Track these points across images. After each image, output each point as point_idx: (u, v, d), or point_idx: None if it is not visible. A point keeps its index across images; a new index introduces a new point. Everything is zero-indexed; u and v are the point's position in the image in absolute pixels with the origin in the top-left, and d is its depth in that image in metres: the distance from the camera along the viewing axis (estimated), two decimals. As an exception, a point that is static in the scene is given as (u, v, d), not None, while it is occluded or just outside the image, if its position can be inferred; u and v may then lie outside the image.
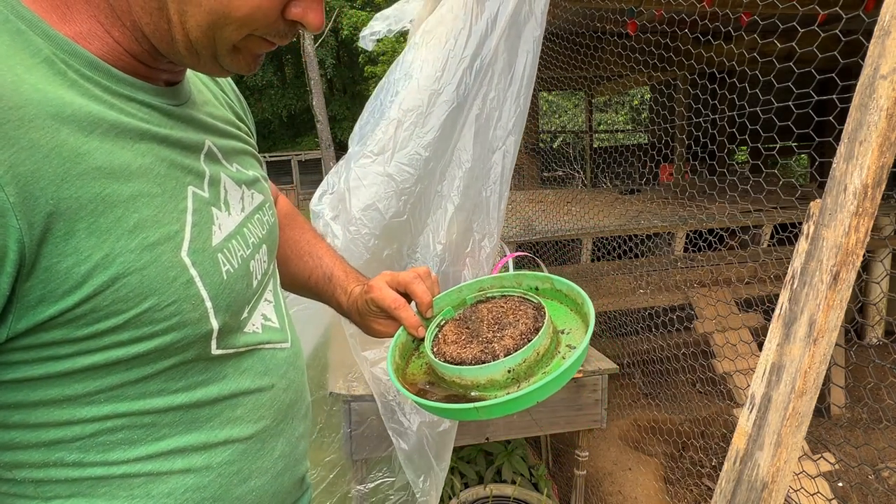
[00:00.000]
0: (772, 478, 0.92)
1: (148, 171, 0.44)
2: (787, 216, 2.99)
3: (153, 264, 0.43)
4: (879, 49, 0.82)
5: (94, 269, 0.39)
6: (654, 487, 2.21)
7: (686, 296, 2.96)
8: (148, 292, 0.42)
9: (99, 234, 0.39)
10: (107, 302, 0.40)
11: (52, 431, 0.41)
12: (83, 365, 0.41)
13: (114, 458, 0.44)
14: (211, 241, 0.49)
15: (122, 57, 0.45)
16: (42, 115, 0.37)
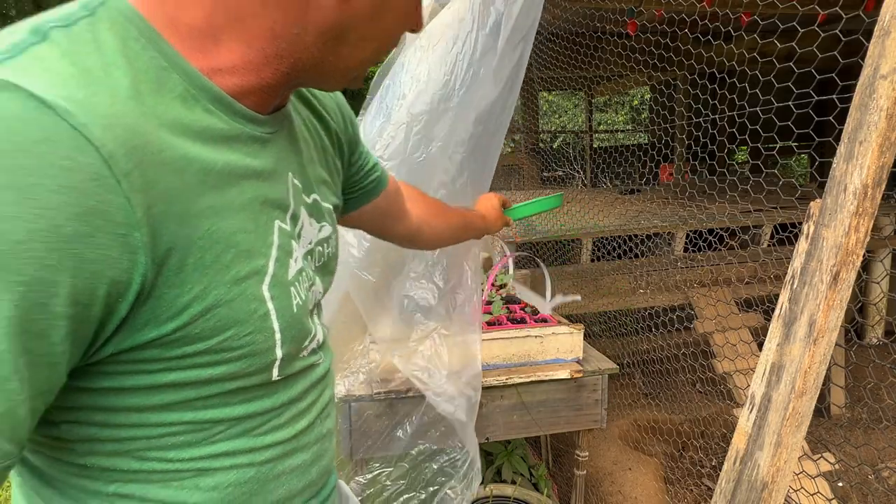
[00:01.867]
0: (772, 478, 0.92)
1: (247, 207, 0.46)
2: (787, 216, 2.99)
3: (239, 297, 0.45)
4: (879, 49, 0.82)
5: (193, 300, 0.42)
6: (654, 487, 2.21)
7: (686, 296, 2.96)
8: (231, 323, 0.45)
9: (202, 268, 0.42)
10: (197, 330, 0.43)
11: (125, 431, 0.46)
12: (165, 381, 0.45)
13: (171, 455, 0.48)
14: (287, 274, 0.51)
15: (251, 89, 0.47)
16: (175, 157, 0.40)
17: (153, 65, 0.40)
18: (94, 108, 0.35)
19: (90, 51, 0.38)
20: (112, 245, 0.36)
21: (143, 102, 0.39)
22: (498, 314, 1.75)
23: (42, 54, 0.36)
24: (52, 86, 0.34)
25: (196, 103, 0.43)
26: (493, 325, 1.67)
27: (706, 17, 3.16)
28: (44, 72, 0.34)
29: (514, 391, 1.57)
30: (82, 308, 0.36)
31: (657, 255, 3.24)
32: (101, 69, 0.37)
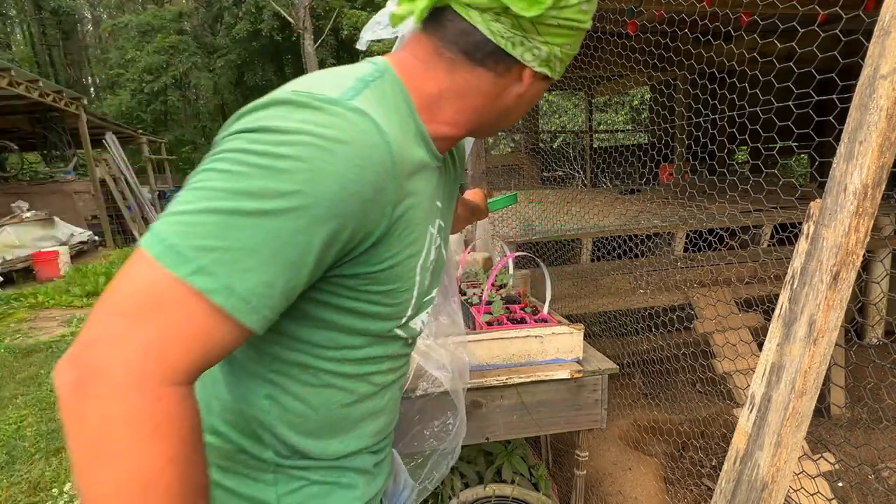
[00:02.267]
0: (772, 478, 0.92)
1: (425, 211, 0.68)
2: (787, 216, 2.99)
3: (406, 266, 0.66)
4: (879, 49, 0.82)
5: (390, 257, 0.63)
6: (654, 487, 2.21)
7: (686, 296, 2.96)
8: (397, 280, 0.66)
9: (400, 239, 0.63)
10: (383, 277, 0.64)
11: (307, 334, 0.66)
12: (348, 306, 0.65)
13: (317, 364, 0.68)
14: (427, 262, 0.72)
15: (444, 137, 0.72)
16: (416, 167, 0.64)
17: (406, 113, 0.66)
18: (391, 132, 0.58)
19: (384, 99, 0.62)
20: (379, 210, 0.58)
21: (404, 134, 0.63)
22: (498, 314, 1.75)
23: (368, 96, 0.60)
24: (377, 115, 0.57)
25: (419, 139, 0.67)
26: (492, 324, 1.67)
27: (706, 17, 3.17)
28: (372, 106, 0.58)
29: (514, 391, 1.57)
30: (348, 241, 0.57)
31: (657, 255, 3.23)
32: (389, 111, 0.62)
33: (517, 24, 0.63)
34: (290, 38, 17.79)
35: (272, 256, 0.51)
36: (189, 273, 0.48)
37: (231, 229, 0.49)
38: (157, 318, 0.47)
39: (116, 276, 0.49)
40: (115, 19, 22.41)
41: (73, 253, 8.42)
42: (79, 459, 0.46)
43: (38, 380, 3.89)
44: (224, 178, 0.51)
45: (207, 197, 0.50)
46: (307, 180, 0.51)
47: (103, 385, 0.45)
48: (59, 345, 4.65)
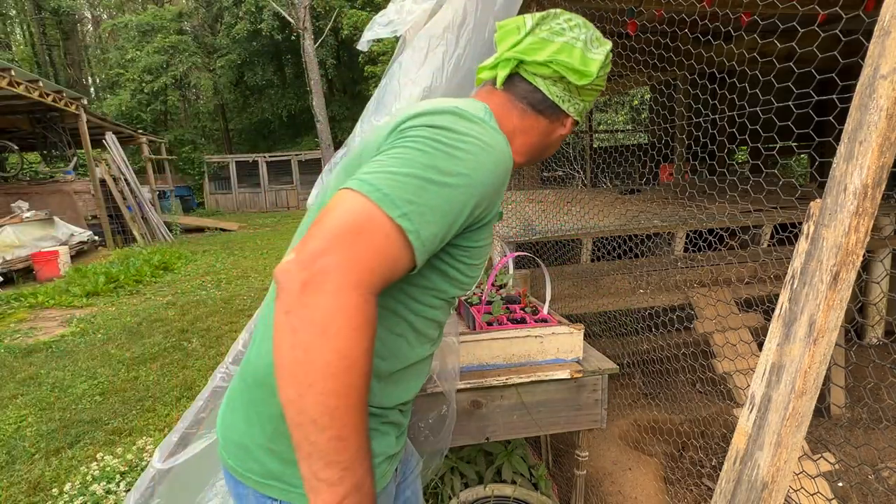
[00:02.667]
0: (772, 478, 0.92)
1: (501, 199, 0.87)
2: (787, 216, 2.99)
3: (487, 249, 0.87)
4: (879, 49, 0.82)
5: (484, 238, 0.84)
6: (654, 487, 2.21)
7: (686, 296, 2.96)
8: (480, 258, 0.86)
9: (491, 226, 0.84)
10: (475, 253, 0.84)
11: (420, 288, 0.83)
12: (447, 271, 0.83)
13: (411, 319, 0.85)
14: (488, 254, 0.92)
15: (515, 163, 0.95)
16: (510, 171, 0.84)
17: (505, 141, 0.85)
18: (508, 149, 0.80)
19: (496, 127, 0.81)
20: (497, 200, 0.81)
21: None
22: (498, 314, 1.75)
23: (492, 122, 0.82)
24: (503, 136, 0.80)
25: None
26: (493, 325, 1.67)
27: (706, 17, 3.17)
28: (498, 131, 0.80)
29: (514, 391, 1.57)
30: (478, 217, 0.78)
31: (657, 255, 3.24)
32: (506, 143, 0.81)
33: (568, 89, 0.93)
34: (290, 38, 17.79)
35: (444, 215, 0.70)
36: (398, 215, 0.65)
37: (424, 191, 0.68)
38: (371, 241, 0.63)
39: (333, 207, 0.66)
40: (115, 19, 22.41)
41: (73, 253, 8.43)
42: (305, 337, 0.60)
43: (38, 380, 3.89)
44: (419, 155, 0.70)
45: (408, 165, 0.69)
46: (473, 167, 0.72)
47: (330, 284, 0.60)
48: (58, 345, 4.66)
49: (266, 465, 0.81)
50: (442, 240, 0.72)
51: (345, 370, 0.61)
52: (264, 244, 10.34)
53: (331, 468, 0.62)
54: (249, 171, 17.60)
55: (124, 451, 2.76)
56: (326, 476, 0.62)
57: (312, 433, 0.61)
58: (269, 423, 0.81)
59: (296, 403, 0.61)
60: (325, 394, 0.60)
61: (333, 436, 0.61)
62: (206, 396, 1.61)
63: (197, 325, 5.03)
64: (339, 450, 0.62)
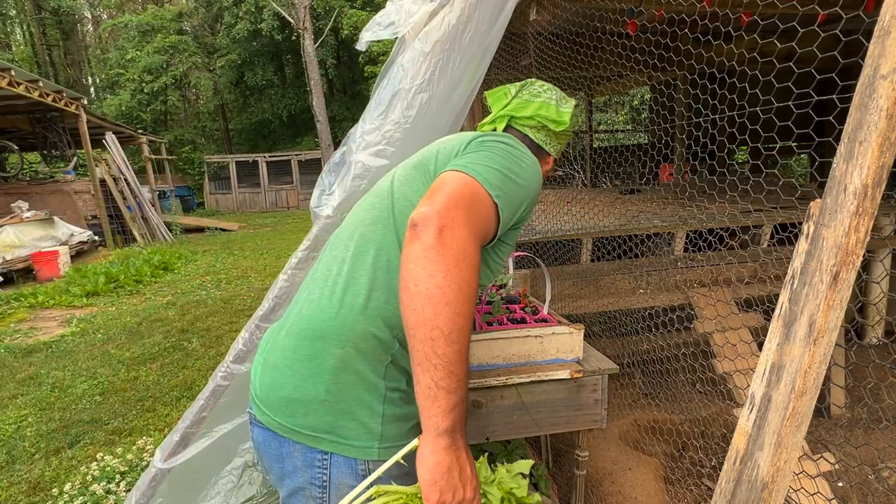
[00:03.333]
0: (772, 478, 0.92)
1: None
2: (787, 216, 2.99)
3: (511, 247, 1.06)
4: (879, 49, 0.82)
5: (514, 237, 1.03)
6: (654, 487, 2.21)
7: (686, 296, 2.96)
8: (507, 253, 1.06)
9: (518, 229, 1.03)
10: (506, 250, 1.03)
11: None
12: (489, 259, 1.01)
13: None
14: None
15: None
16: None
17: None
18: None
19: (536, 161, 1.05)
20: (533, 207, 1.01)
21: None
22: (498, 314, 1.75)
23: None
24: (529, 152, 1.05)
25: None
26: (492, 325, 1.67)
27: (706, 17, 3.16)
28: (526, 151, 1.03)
29: (514, 391, 1.57)
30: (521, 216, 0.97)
31: (657, 255, 3.23)
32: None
33: (548, 134, 1.25)
34: (290, 38, 17.79)
35: (513, 206, 0.92)
36: (495, 195, 0.87)
37: (506, 184, 0.90)
38: (481, 207, 0.85)
39: (448, 181, 0.85)
40: (115, 19, 22.40)
41: (73, 253, 8.42)
42: (445, 268, 0.75)
43: (38, 380, 3.89)
44: (501, 158, 0.93)
45: (496, 163, 0.92)
46: (531, 175, 0.98)
47: (460, 231, 0.78)
48: (58, 345, 4.66)
49: (321, 417, 0.88)
50: (506, 225, 0.91)
51: (470, 296, 0.77)
52: (264, 244, 10.34)
53: (451, 378, 0.75)
54: (249, 171, 17.60)
55: (124, 451, 2.76)
56: (447, 384, 0.75)
57: (442, 345, 0.74)
58: (326, 375, 0.90)
59: (430, 321, 0.74)
60: (458, 314, 0.75)
61: (459, 349, 0.75)
62: (207, 396, 1.61)
63: (197, 325, 5.03)
64: (460, 362, 0.76)
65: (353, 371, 0.89)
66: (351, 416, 0.88)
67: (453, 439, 0.77)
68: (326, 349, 0.90)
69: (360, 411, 0.89)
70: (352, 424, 0.88)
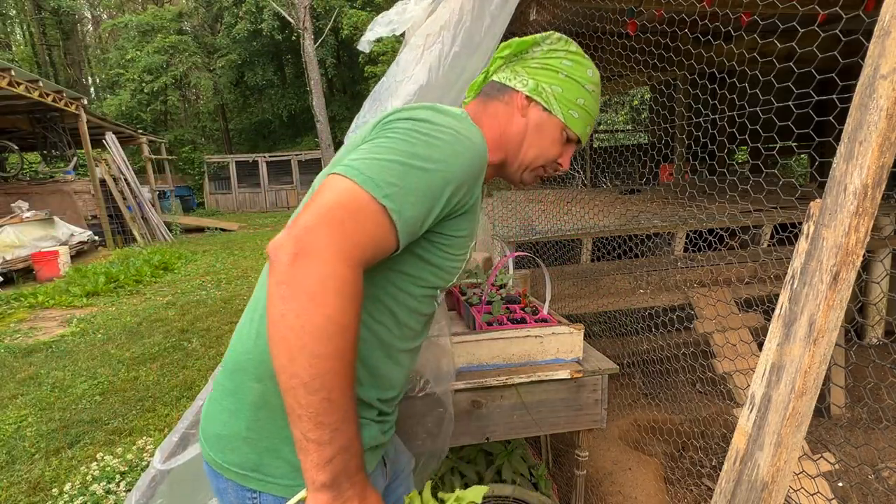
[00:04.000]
0: (772, 478, 0.92)
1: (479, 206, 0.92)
2: (787, 216, 2.99)
3: (468, 240, 0.90)
4: (879, 49, 0.82)
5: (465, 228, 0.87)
6: (654, 487, 2.21)
7: (686, 296, 2.96)
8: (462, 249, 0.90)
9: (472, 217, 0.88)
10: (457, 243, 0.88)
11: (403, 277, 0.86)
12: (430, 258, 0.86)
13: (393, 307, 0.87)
14: (472, 247, 0.94)
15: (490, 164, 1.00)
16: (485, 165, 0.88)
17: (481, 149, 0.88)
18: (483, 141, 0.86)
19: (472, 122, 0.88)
20: (475, 189, 0.85)
21: None
22: (498, 314, 1.75)
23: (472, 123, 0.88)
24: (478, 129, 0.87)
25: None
26: (492, 325, 1.67)
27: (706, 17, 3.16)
28: (473, 124, 0.87)
29: (514, 391, 1.57)
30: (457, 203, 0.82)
31: (657, 255, 3.23)
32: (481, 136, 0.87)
33: (510, 69, 1.01)
34: (290, 38, 17.79)
35: (424, 199, 0.75)
36: (381, 196, 0.71)
37: (406, 176, 0.73)
38: (357, 219, 0.69)
39: (322, 190, 0.71)
40: (115, 19, 22.40)
41: (73, 253, 8.42)
42: (296, 304, 0.64)
43: (38, 380, 3.89)
44: (401, 143, 0.76)
45: (391, 152, 0.75)
46: (450, 154, 0.78)
47: (319, 255, 0.65)
48: (58, 345, 4.66)
49: (246, 454, 0.82)
50: (423, 223, 0.77)
51: (334, 334, 0.64)
52: (264, 244, 10.34)
53: (321, 429, 0.65)
54: (249, 171, 17.60)
55: (124, 451, 2.76)
56: (316, 436, 0.65)
57: (303, 395, 0.64)
58: (247, 411, 0.83)
59: (288, 368, 0.64)
60: (316, 356, 0.64)
61: (323, 398, 0.64)
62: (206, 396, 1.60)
63: (197, 325, 5.03)
64: (328, 411, 0.65)
65: (273, 406, 0.81)
66: (275, 453, 0.82)
67: (337, 492, 0.68)
68: (245, 383, 0.84)
69: (284, 448, 0.81)
70: (277, 462, 0.82)
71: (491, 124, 0.98)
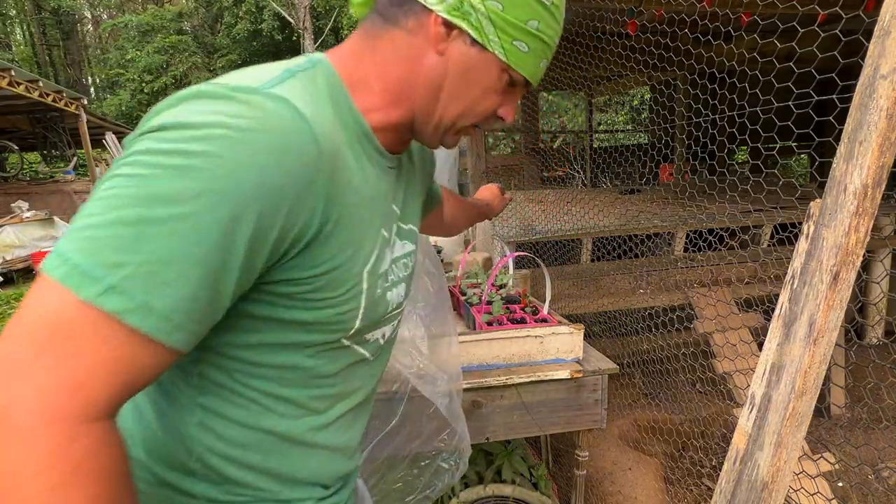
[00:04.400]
0: (772, 478, 0.92)
1: (369, 213, 0.64)
2: (787, 216, 2.99)
3: (349, 271, 0.61)
4: (879, 49, 0.82)
5: (326, 262, 0.58)
6: (654, 487, 2.21)
7: (686, 296, 2.96)
8: (342, 285, 0.60)
9: (338, 240, 0.58)
10: (320, 283, 0.58)
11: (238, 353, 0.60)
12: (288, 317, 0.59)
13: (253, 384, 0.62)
14: (379, 269, 0.67)
15: (385, 127, 0.67)
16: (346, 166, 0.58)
17: (344, 106, 0.62)
18: (317, 121, 0.54)
19: (314, 89, 0.58)
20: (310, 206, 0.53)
21: (337, 127, 0.59)
22: (498, 314, 1.75)
23: (294, 84, 0.56)
24: (301, 103, 0.53)
25: (359, 135, 0.64)
26: (492, 325, 1.67)
27: (706, 17, 3.16)
28: (296, 95, 0.54)
29: (514, 391, 1.57)
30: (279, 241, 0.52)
31: (657, 255, 3.23)
32: (320, 101, 0.58)
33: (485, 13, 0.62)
34: (290, 38, 17.79)
35: (192, 265, 0.46)
36: (98, 294, 0.43)
37: (143, 240, 0.44)
38: (66, 347, 0.42)
39: (21, 305, 0.44)
40: (115, 19, 22.42)
41: (73, 253, 8.41)
42: None
43: (38, 380, 3.88)
44: (132, 184, 0.45)
45: (115, 206, 0.45)
46: (222, 176, 0.46)
47: (5, 428, 0.40)
48: (59, 345, 4.65)
49: None
50: (217, 300, 0.49)
51: None
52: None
53: None
54: (249, 171, 17.59)
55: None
56: None
57: None
58: None
59: None
60: None
61: None
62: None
63: (197, 325, 5.03)
64: None
65: None
66: None
67: None
68: None
69: None
70: None
71: (383, 70, 0.64)
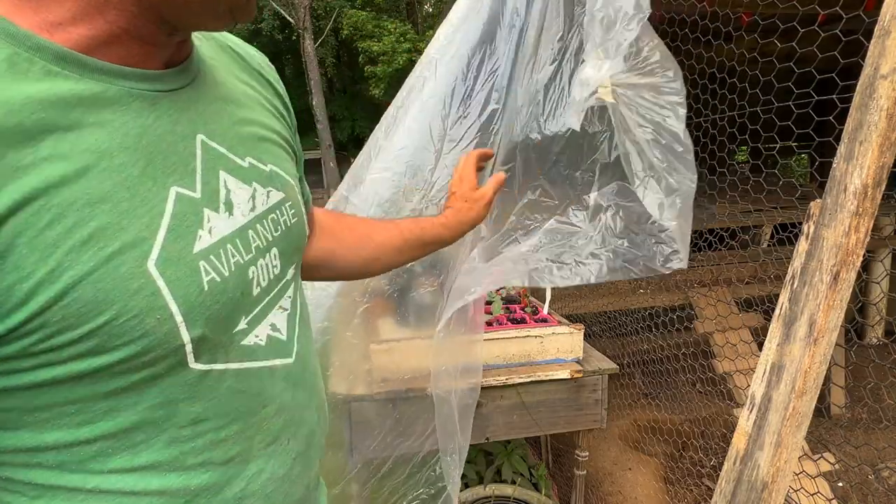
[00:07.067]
0: (772, 478, 0.92)
1: (116, 173, 0.39)
2: (787, 216, 2.99)
3: (108, 276, 0.39)
4: (879, 49, 0.82)
5: (39, 286, 0.36)
6: (654, 487, 2.21)
7: (686, 296, 2.96)
8: (103, 306, 0.39)
9: (43, 248, 0.36)
10: (57, 317, 0.37)
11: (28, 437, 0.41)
12: (45, 378, 0.39)
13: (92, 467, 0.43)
14: (192, 247, 0.44)
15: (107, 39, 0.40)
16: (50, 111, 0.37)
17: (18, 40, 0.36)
18: None
19: None
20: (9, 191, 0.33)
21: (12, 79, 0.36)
22: (498, 314, 1.75)
23: None
24: None
25: (31, 65, 0.37)
26: (492, 325, 1.67)
27: (706, 17, 3.16)
28: None
29: (514, 391, 1.57)
30: None
31: (657, 255, 3.23)
32: None
33: None
34: (290, 38, 17.79)
35: None
36: None
37: None
38: None
39: None
40: (115, 19, 22.41)
41: (73, 253, 8.43)
42: None
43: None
44: None
45: None
46: None
47: None
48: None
49: None
50: None
51: None
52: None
53: None
54: (249, 171, 17.58)
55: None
56: None
57: None
58: None
59: None
60: None
61: None
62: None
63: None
64: None
65: None
66: None
67: None
68: None
69: None
70: None
71: None
